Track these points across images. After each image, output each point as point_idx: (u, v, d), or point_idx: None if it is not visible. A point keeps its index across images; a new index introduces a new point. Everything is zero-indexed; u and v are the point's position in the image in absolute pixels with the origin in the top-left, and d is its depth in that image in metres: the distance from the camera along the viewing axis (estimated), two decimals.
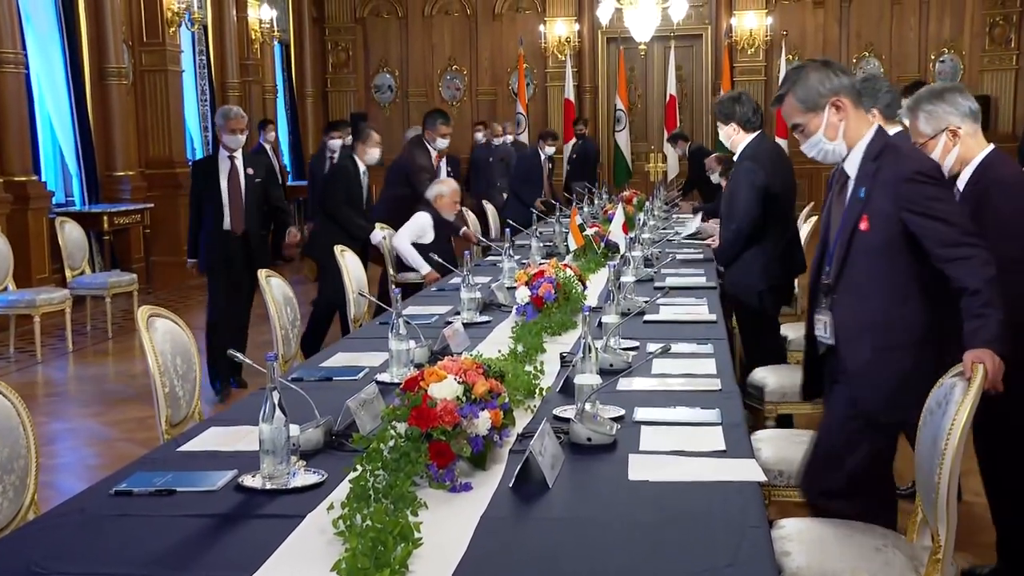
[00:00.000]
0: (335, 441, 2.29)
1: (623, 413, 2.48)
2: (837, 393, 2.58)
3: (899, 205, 2.38)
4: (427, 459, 1.98)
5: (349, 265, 4.85)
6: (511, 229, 5.12)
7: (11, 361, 6.78)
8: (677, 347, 3.11)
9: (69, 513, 1.95)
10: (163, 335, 3.00)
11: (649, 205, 7.48)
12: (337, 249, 5.01)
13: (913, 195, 2.37)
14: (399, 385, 2.17)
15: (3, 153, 7.78)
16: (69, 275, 7.55)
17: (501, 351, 2.95)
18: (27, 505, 2.23)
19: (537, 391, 2.65)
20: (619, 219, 5.52)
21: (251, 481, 2.04)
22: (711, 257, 5.09)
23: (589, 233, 5.42)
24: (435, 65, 14.11)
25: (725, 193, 4.61)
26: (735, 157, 4.55)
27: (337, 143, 8.53)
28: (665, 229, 6.87)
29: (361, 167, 6.07)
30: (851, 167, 2.51)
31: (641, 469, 2.10)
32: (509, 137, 10.38)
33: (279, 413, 1.99)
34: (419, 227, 5.93)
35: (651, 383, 2.82)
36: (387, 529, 1.65)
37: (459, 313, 3.84)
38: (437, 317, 3.92)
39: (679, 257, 5.46)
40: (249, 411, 2.37)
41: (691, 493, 1.98)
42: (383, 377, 2.87)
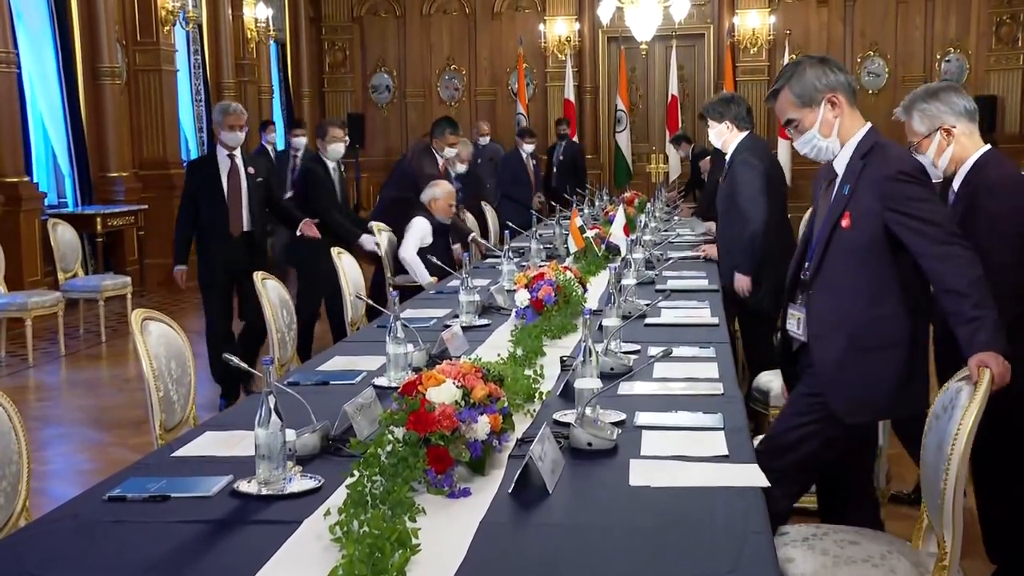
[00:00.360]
0: (332, 446, 2.29)
1: (624, 418, 2.48)
2: (803, 383, 2.63)
3: (883, 204, 2.40)
4: (425, 464, 1.98)
5: (346, 267, 4.85)
6: (510, 231, 5.12)
7: (2, 365, 6.77)
8: (679, 351, 3.12)
9: (62, 519, 1.95)
10: (157, 339, 3.00)
11: (650, 207, 7.49)
12: (334, 251, 5.01)
13: (896, 194, 2.39)
14: (397, 389, 2.17)
15: None
16: (62, 277, 7.55)
17: (500, 355, 2.96)
18: (19, 511, 2.23)
19: (537, 395, 2.65)
20: (620, 221, 5.53)
21: (247, 487, 2.04)
22: (714, 257, 5.10)
23: (590, 235, 5.43)
24: (433, 65, 14.12)
25: (724, 188, 4.61)
26: (727, 155, 4.58)
27: (302, 141, 8.34)
28: (667, 231, 6.87)
29: (330, 164, 6.03)
30: (840, 165, 2.54)
31: (642, 474, 2.10)
32: (487, 138, 10.32)
33: (275, 418, 1.99)
34: (422, 232, 5.93)
35: (652, 387, 2.82)
36: (385, 535, 1.65)
37: (458, 316, 3.84)
38: (435, 320, 3.92)
39: (679, 255, 5.46)
40: (245, 416, 2.37)
41: (693, 498, 1.99)
42: (380, 381, 2.87)
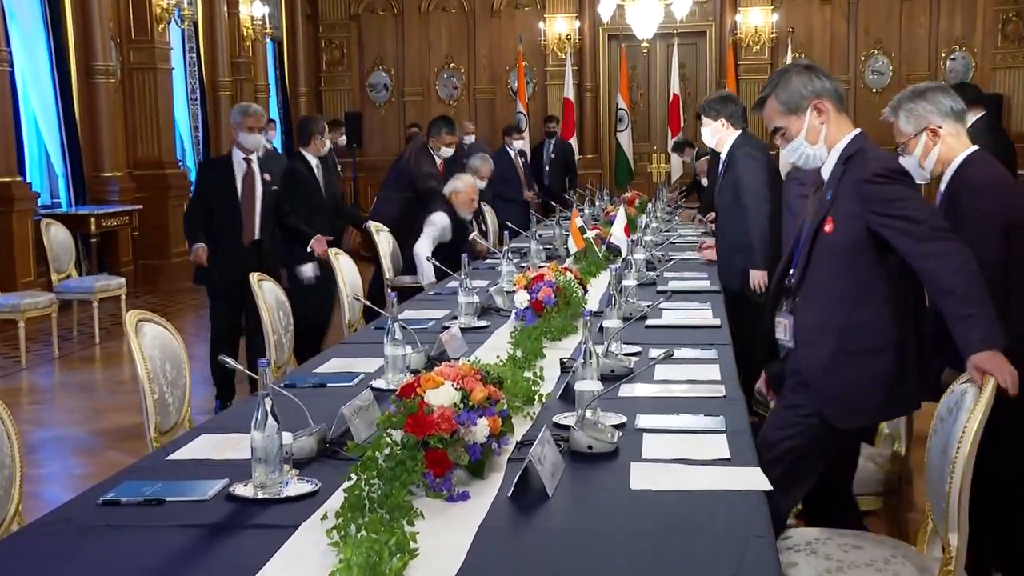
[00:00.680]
0: (329, 449, 2.29)
1: (625, 420, 2.49)
2: (787, 392, 2.64)
3: (864, 207, 2.42)
4: (424, 468, 1.99)
5: (343, 268, 4.85)
6: (509, 232, 5.13)
7: None
8: (680, 352, 3.11)
9: (55, 524, 1.95)
10: (152, 340, 3.00)
11: (651, 207, 7.50)
12: (331, 252, 5.00)
13: (874, 195, 2.41)
14: (395, 392, 2.17)
15: None
16: (55, 279, 7.55)
17: (500, 357, 2.96)
18: (11, 516, 2.23)
19: (536, 398, 2.65)
20: (621, 221, 5.53)
21: (243, 490, 2.04)
22: (713, 259, 5.10)
23: (590, 236, 5.43)
24: (432, 63, 14.13)
25: (725, 183, 4.62)
26: (723, 154, 4.59)
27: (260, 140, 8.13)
28: (668, 231, 6.88)
29: (313, 161, 5.97)
30: (826, 171, 2.57)
31: (643, 478, 2.10)
32: (471, 137, 10.30)
33: (271, 420, 1.99)
34: (440, 230, 5.86)
35: (654, 389, 2.82)
36: (382, 540, 1.65)
37: (456, 317, 3.84)
38: (434, 322, 3.92)
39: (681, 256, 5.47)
40: (240, 418, 2.37)
41: (694, 502, 1.99)
42: (378, 383, 2.87)
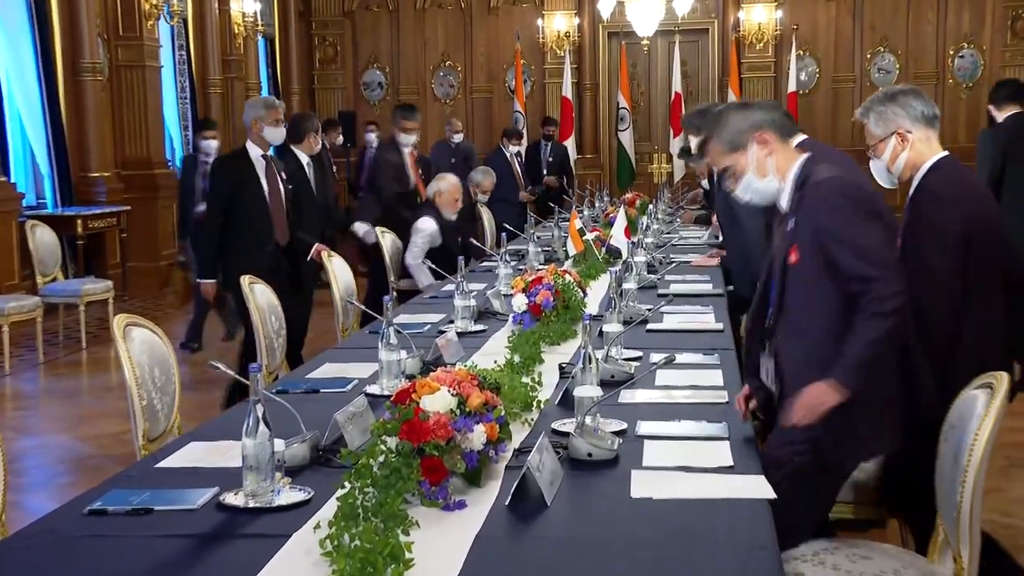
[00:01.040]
0: (322, 457, 2.29)
1: (625, 427, 2.49)
2: (776, 433, 2.56)
3: (817, 235, 2.41)
4: (419, 475, 1.99)
5: (336, 270, 4.85)
6: (507, 234, 5.13)
7: None
8: (682, 357, 3.11)
9: (39, 534, 1.95)
10: (140, 345, 3.00)
11: (653, 208, 7.50)
12: (324, 254, 5.00)
13: (824, 218, 2.40)
14: (389, 397, 2.18)
15: None
16: (40, 281, 7.54)
17: (497, 362, 2.96)
18: None
19: (535, 404, 2.65)
20: (621, 223, 5.53)
21: (233, 499, 2.04)
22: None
23: (589, 237, 5.44)
24: (427, 61, 14.13)
25: (722, 194, 4.63)
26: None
27: (213, 144, 7.52)
28: (669, 233, 6.88)
29: (304, 160, 5.95)
30: (784, 201, 2.57)
31: (644, 486, 2.11)
32: (460, 136, 10.30)
33: (263, 427, 1.99)
34: (428, 236, 5.90)
35: (655, 395, 2.83)
36: (377, 549, 1.65)
37: (453, 322, 3.85)
38: (430, 326, 3.93)
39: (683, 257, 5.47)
40: (231, 425, 2.37)
41: (696, 511, 1.99)
42: (373, 389, 2.87)
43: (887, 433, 2.46)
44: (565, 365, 3.07)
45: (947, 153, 2.83)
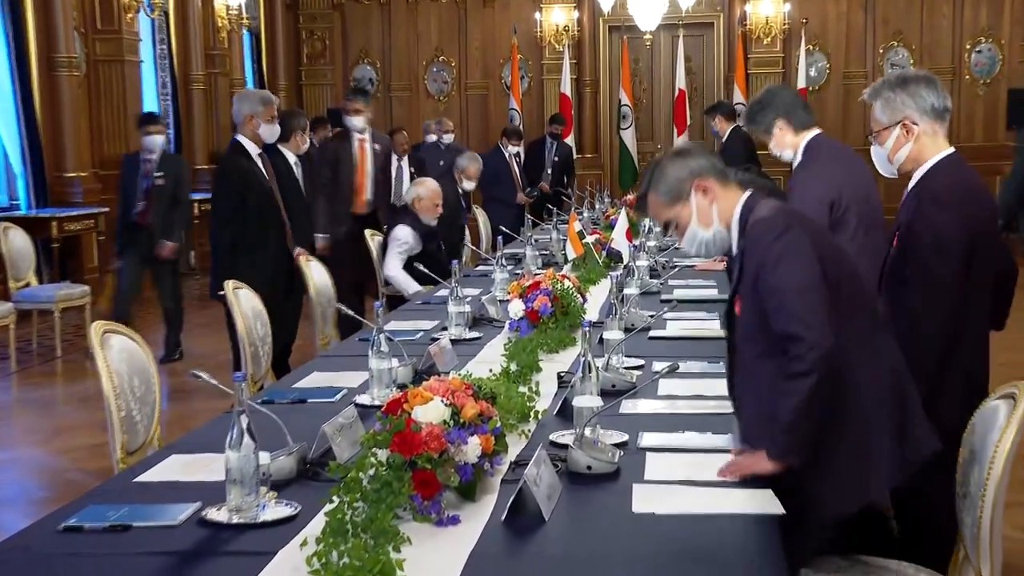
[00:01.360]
0: (309, 470, 2.30)
1: (626, 439, 2.50)
2: None
3: (753, 280, 2.36)
4: (411, 489, 1.99)
5: (314, 275, 4.85)
6: (503, 236, 5.14)
7: None
8: (686, 366, 3.12)
9: (12, 552, 1.95)
10: (119, 353, 3.00)
11: None
12: (302, 259, 4.96)
13: (753, 266, 2.35)
14: (380, 408, 2.18)
15: None
16: (13, 287, 7.53)
17: (492, 370, 2.96)
18: None
19: (532, 414, 2.66)
20: (622, 225, 5.54)
21: (216, 515, 2.04)
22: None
23: (589, 241, 5.44)
24: (420, 56, 14.15)
25: None
26: None
27: (158, 140, 7.11)
28: (673, 237, 6.89)
29: (291, 159, 5.93)
30: (734, 244, 2.52)
31: (646, 500, 2.11)
32: (450, 136, 10.21)
33: (247, 439, 2.00)
34: (406, 244, 5.89)
35: (657, 405, 2.83)
36: (367, 567, 1.66)
37: (446, 329, 3.85)
38: (422, 333, 3.93)
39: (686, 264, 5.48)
40: (214, 437, 2.37)
41: (701, 527, 1.99)
42: (363, 399, 2.88)
43: (875, 479, 2.34)
44: (564, 374, 3.08)
45: (953, 150, 2.80)
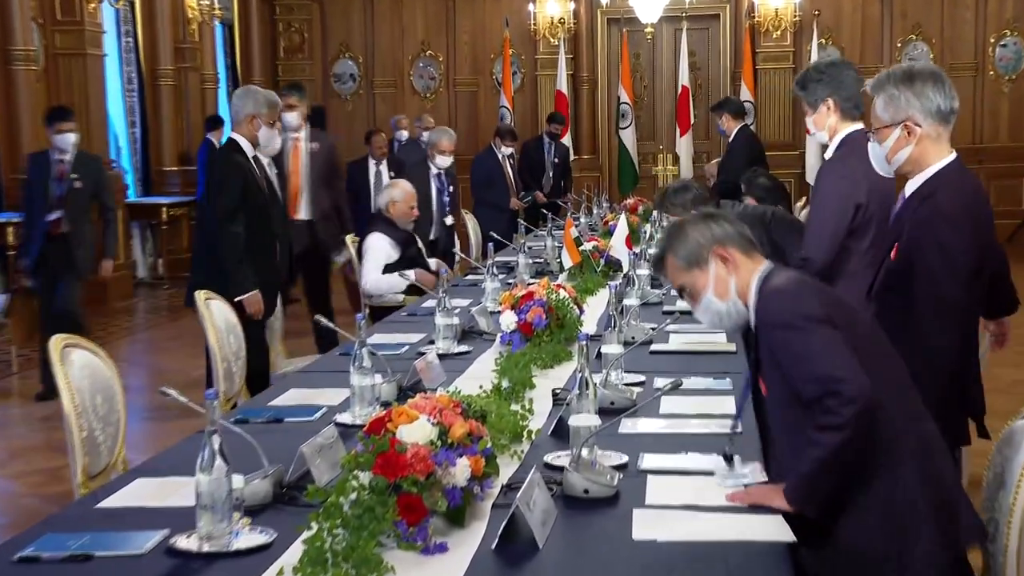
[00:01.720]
0: (286, 494, 2.29)
1: (626, 460, 2.50)
2: None
3: (772, 355, 2.36)
4: (395, 515, 1.99)
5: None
6: (494, 243, 5.15)
7: None
8: (690, 382, 3.13)
9: None
10: (80, 369, 3.00)
11: (657, 215, 7.52)
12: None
13: (770, 341, 2.36)
14: (362, 427, 2.18)
15: None
16: None
17: (483, 387, 2.96)
18: None
19: (525, 434, 2.66)
20: (622, 232, 5.55)
21: (185, 543, 2.04)
22: None
23: (587, 248, 5.45)
24: (405, 50, 14.18)
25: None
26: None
27: (70, 139, 6.69)
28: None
29: (264, 161, 5.89)
30: (752, 321, 2.50)
31: (647, 527, 2.11)
32: (426, 134, 10.07)
33: (219, 461, 2.00)
34: (382, 253, 5.88)
35: (659, 425, 2.84)
36: None
37: (433, 342, 3.85)
38: (408, 347, 3.93)
39: None
40: (183, 459, 2.37)
41: (706, 555, 1.99)
42: (343, 418, 2.88)
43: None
44: (559, 391, 3.08)
45: (956, 156, 2.83)
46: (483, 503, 2.21)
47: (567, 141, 12.56)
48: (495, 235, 5.94)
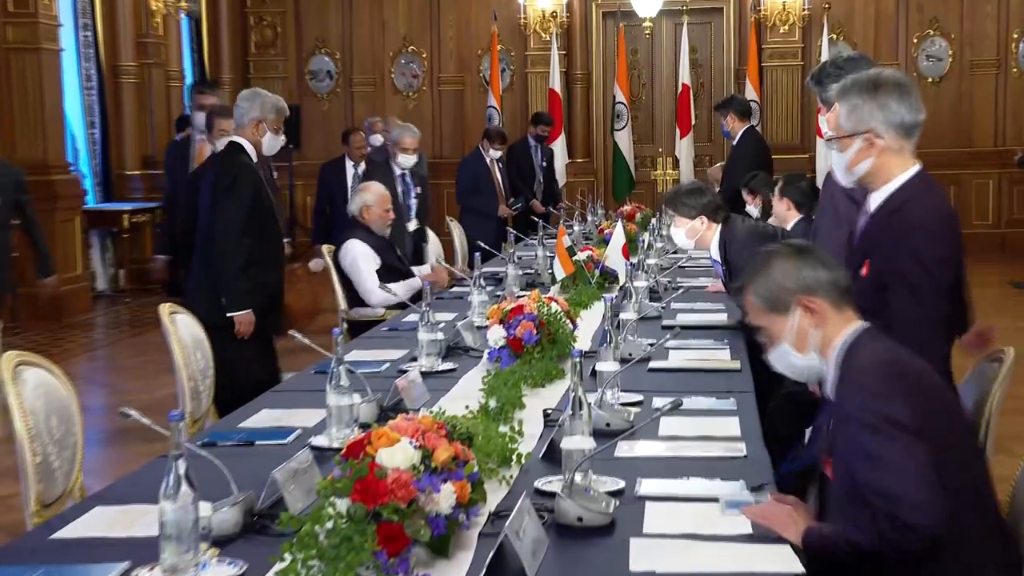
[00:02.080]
0: (257, 523, 2.29)
1: (623, 486, 2.50)
2: None
3: (846, 439, 2.29)
4: (374, 545, 1.99)
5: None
6: (481, 253, 5.15)
7: None
8: (691, 402, 3.14)
9: None
10: (34, 389, 2.99)
11: (656, 223, 7.55)
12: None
13: (849, 424, 2.28)
14: (339, 451, 2.18)
15: None
16: None
17: (469, 407, 2.97)
18: None
19: (514, 458, 2.66)
20: (618, 240, 5.57)
21: None
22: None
23: (580, 258, 5.46)
24: (386, 46, 14.20)
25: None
26: (712, 252, 4.69)
27: None
28: (676, 253, 6.93)
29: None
30: (829, 386, 2.46)
31: (645, 557, 2.12)
32: (379, 138, 9.93)
33: (185, 487, 1.99)
34: (366, 259, 5.87)
35: (658, 448, 2.84)
36: None
37: (416, 359, 3.86)
38: (388, 364, 3.93)
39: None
40: (146, 485, 2.37)
41: None
42: (319, 441, 2.88)
43: None
44: (551, 411, 3.09)
45: (920, 167, 2.88)
46: (469, 532, 2.21)
47: (560, 143, 12.60)
48: (482, 244, 5.94)
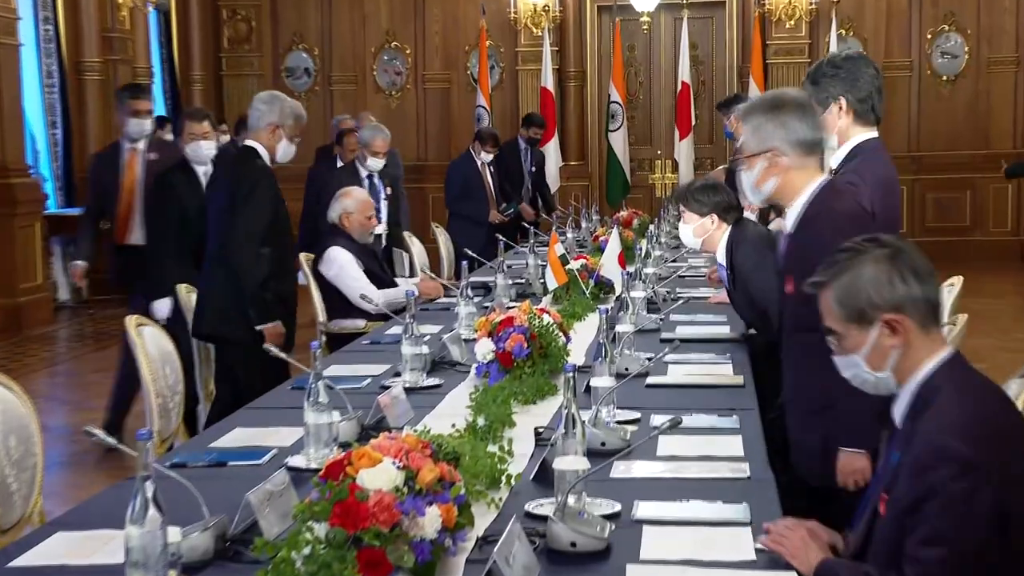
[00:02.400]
0: (230, 549, 2.29)
1: (619, 509, 2.51)
2: None
3: (914, 496, 2.16)
4: (355, 572, 1.99)
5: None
6: (468, 261, 5.16)
7: None
8: (691, 420, 3.15)
9: None
10: None
11: (654, 230, 7.56)
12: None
13: (919, 486, 2.15)
14: (318, 472, 2.19)
15: None
16: None
17: (456, 425, 2.98)
18: None
19: (504, 479, 2.66)
20: (614, 248, 5.58)
21: None
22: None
23: (574, 267, 5.47)
24: (368, 41, 14.20)
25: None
26: (719, 255, 4.68)
27: None
28: (676, 261, 6.95)
29: (200, 170, 5.85)
30: (898, 412, 2.38)
31: None
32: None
33: (153, 511, 1.99)
34: (351, 266, 5.86)
35: (656, 468, 2.85)
36: None
37: (399, 374, 3.86)
38: (370, 380, 3.93)
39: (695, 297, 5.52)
40: (110, 509, 2.36)
41: None
42: (296, 461, 2.87)
43: None
44: (542, 430, 3.09)
45: (827, 177, 3.12)
46: (456, 558, 2.21)
47: (553, 146, 12.61)
48: (470, 252, 5.94)
